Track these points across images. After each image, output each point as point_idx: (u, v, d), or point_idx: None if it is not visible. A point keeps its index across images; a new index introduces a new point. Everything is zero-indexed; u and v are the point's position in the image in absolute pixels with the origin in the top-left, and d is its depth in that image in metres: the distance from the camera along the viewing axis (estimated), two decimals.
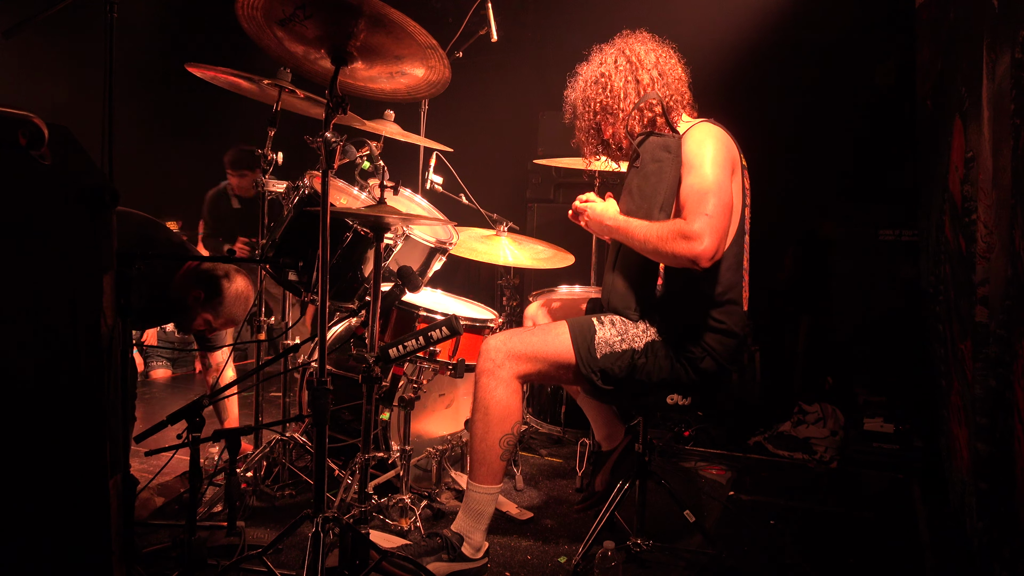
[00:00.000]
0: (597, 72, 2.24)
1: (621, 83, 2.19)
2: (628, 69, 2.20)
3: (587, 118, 2.25)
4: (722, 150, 2.06)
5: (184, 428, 1.74)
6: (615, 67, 2.21)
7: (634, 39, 2.26)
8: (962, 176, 2.48)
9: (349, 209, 2.36)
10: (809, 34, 4.57)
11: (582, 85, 2.28)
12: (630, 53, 2.22)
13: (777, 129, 4.55)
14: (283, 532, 2.01)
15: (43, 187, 1.33)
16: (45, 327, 1.34)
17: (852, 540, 2.62)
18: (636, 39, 2.26)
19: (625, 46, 2.24)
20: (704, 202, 1.96)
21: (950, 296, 2.75)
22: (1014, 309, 1.84)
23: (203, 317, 2.55)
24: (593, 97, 2.23)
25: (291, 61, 2.08)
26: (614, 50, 2.25)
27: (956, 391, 2.63)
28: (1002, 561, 1.94)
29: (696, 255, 1.92)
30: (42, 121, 1.29)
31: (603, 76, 2.22)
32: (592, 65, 2.28)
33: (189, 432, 1.74)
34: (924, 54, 3.54)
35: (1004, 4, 1.93)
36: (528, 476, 3.09)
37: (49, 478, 1.35)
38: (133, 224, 2.54)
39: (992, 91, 2.04)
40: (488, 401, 2.12)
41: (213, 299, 2.52)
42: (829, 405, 3.91)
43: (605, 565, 1.98)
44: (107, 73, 1.79)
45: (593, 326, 2.14)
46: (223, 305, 2.54)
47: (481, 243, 3.32)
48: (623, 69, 2.20)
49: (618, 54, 2.23)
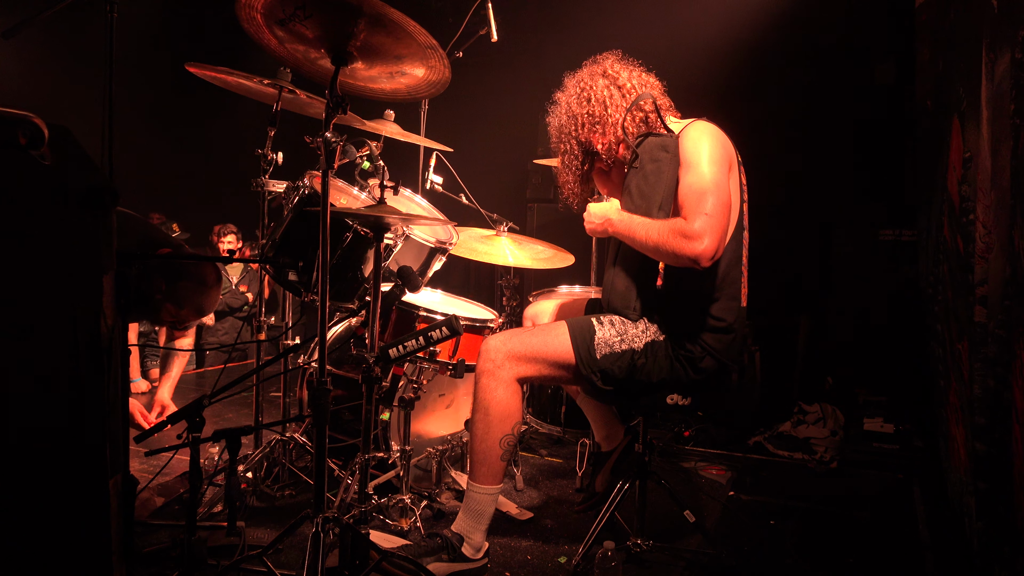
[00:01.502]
0: (577, 89, 2.26)
1: (604, 92, 2.21)
2: (607, 82, 2.23)
3: (572, 136, 2.25)
4: (718, 148, 2.07)
5: (184, 428, 1.75)
6: (592, 81, 2.24)
7: (603, 60, 2.29)
8: (960, 176, 2.48)
9: (349, 209, 2.36)
10: (809, 34, 4.58)
11: (564, 107, 2.29)
12: (604, 69, 2.25)
13: (777, 129, 4.55)
14: (283, 532, 2.02)
15: (43, 187, 1.33)
16: (45, 327, 1.34)
17: (852, 540, 2.62)
18: (605, 60, 2.29)
19: (597, 67, 2.27)
20: (703, 201, 1.97)
21: (948, 296, 2.75)
22: (1013, 309, 1.84)
23: (167, 308, 2.53)
24: (579, 112, 2.24)
25: (291, 61, 2.08)
26: (587, 71, 2.28)
27: (954, 391, 2.63)
28: (1002, 561, 1.95)
29: (697, 254, 1.93)
30: (42, 121, 1.29)
31: (584, 90, 2.24)
32: (569, 88, 2.30)
33: (189, 432, 1.74)
34: (924, 54, 3.54)
35: (1004, 4, 1.93)
36: (528, 476, 3.09)
37: (49, 478, 1.35)
38: (133, 224, 2.54)
39: (991, 91, 2.04)
40: (488, 401, 2.13)
41: (175, 289, 2.50)
42: (829, 405, 3.91)
43: (605, 565, 1.98)
44: (107, 73, 1.79)
45: (593, 327, 2.15)
46: (186, 294, 2.52)
47: (481, 243, 3.32)
48: (602, 82, 2.23)
49: (593, 72, 2.27)
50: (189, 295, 2.53)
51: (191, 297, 2.54)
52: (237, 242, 5.99)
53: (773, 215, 3.04)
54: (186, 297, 2.52)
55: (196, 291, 2.54)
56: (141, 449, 1.85)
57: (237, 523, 2.07)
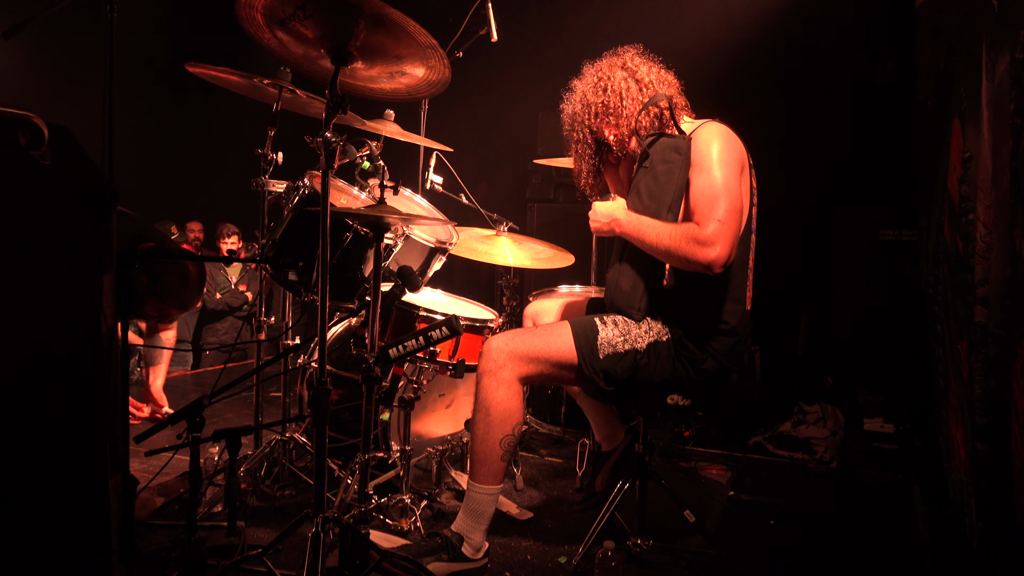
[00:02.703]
0: (594, 78, 2.25)
1: (622, 84, 2.20)
2: (626, 73, 2.22)
3: (586, 124, 2.24)
4: (730, 150, 2.06)
5: (184, 428, 1.74)
6: (611, 72, 2.23)
7: (624, 52, 2.28)
8: (959, 176, 2.48)
9: (349, 209, 2.36)
10: (809, 34, 4.58)
11: (579, 94, 2.28)
12: (624, 60, 2.25)
13: (777, 129, 4.55)
14: (283, 532, 2.01)
15: (43, 187, 1.33)
16: (45, 327, 1.34)
17: (852, 540, 2.62)
18: (627, 52, 2.28)
19: (617, 58, 2.27)
20: (715, 206, 1.96)
21: (947, 296, 2.75)
22: (1013, 309, 1.84)
23: (150, 303, 2.53)
24: (593, 100, 2.22)
25: (291, 61, 2.08)
26: (608, 61, 2.27)
27: (954, 391, 2.63)
28: (1002, 561, 1.95)
29: (711, 261, 1.92)
30: (42, 121, 1.29)
31: (601, 80, 2.23)
32: (588, 76, 2.29)
33: (189, 432, 1.73)
34: (924, 54, 3.54)
35: (1004, 4, 1.93)
36: (528, 476, 3.09)
37: (49, 478, 1.35)
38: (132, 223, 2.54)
39: (991, 91, 2.04)
40: (489, 401, 2.12)
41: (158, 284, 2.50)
42: (829, 405, 3.91)
43: (605, 565, 1.98)
44: (107, 73, 1.79)
45: (596, 327, 2.14)
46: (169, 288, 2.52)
47: (481, 243, 3.32)
48: (620, 73, 2.22)
49: (612, 63, 2.26)
50: (172, 289, 2.53)
51: (174, 291, 2.54)
52: (238, 243, 6.00)
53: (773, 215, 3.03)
54: (169, 291, 2.53)
55: (179, 285, 2.55)
56: (141, 449, 1.85)
57: (237, 523, 2.06)
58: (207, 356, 5.87)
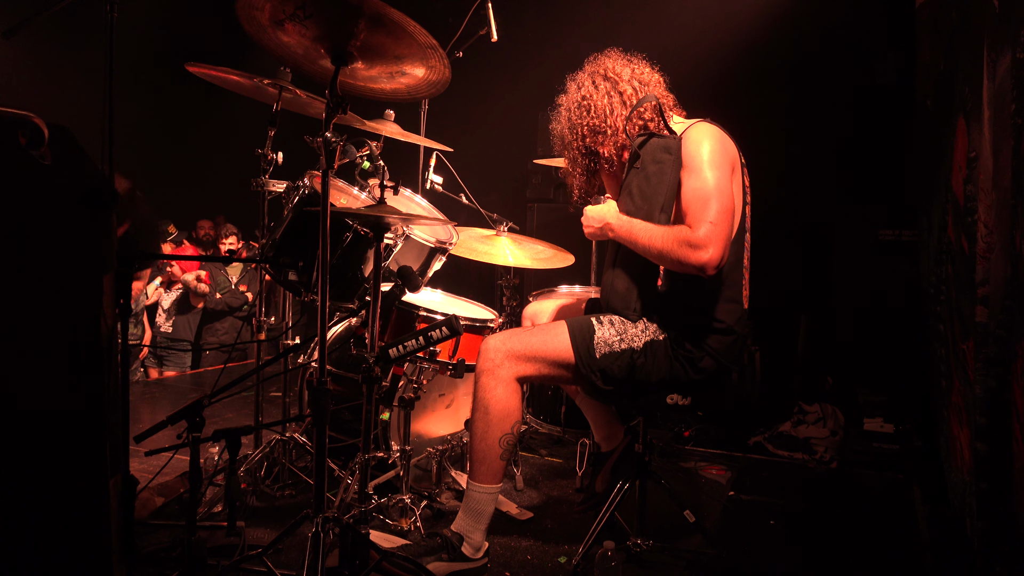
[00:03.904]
0: (578, 97, 2.25)
1: (605, 101, 2.20)
2: (608, 87, 2.21)
3: (576, 145, 2.25)
4: (721, 150, 2.06)
5: (184, 428, 1.74)
6: (595, 88, 2.23)
7: (605, 59, 2.28)
8: (965, 176, 2.47)
9: (349, 209, 2.36)
10: (809, 34, 4.58)
11: (565, 115, 2.28)
12: (605, 71, 2.24)
13: (776, 129, 4.55)
14: (283, 532, 2.01)
15: (43, 187, 1.33)
16: (45, 327, 1.34)
17: (852, 540, 2.62)
18: (607, 58, 2.28)
19: (598, 66, 2.26)
20: (707, 208, 1.96)
21: (952, 296, 2.75)
22: (1013, 309, 1.84)
23: None
24: (579, 122, 2.23)
25: (291, 61, 2.08)
26: (589, 73, 2.27)
27: (957, 391, 2.63)
28: (1003, 562, 1.94)
29: (703, 263, 1.92)
30: (42, 121, 1.29)
31: (585, 99, 2.23)
32: (571, 93, 2.29)
33: (189, 432, 1.73)
34: (924, 54, 3.54)
35: (1005, 4, 1.93)
36: (528, 476, 3.09)
37: (49, 478, 1.35)
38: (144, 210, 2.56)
39: (992, 91, 2.04)
40: (488, 400, 2.12)
41: None
42: (829, 405, 3.91)
43: (605, 565, 1.98)
44: (107, 73, 1.79)
45: (592, 326, 2.14)
46: None
47: (481, 243, 3.32)
48: (603, 87, 2.22)
49: (593, 75, 2.25)
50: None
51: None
52: (238, 242, 6.00)
53: (773, 215, 3.04)
54: None
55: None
56: (141, 449, 1.85)
57: (237, 523, 2.07)
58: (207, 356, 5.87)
